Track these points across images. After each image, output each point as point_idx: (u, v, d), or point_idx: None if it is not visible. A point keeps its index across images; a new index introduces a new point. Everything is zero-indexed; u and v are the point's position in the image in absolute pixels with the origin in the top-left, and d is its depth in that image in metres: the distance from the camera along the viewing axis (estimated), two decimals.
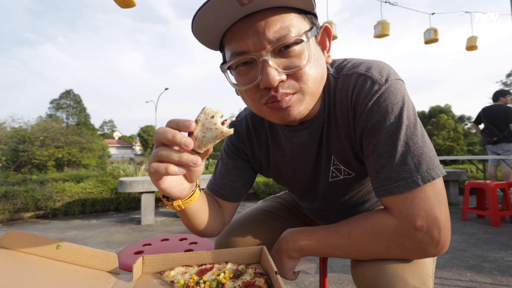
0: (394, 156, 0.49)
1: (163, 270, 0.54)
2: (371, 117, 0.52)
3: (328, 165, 0.66)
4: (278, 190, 5.00)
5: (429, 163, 0.49)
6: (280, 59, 0.50)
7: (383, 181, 0.51)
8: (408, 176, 0.48)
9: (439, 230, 0.47)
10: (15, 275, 0.44)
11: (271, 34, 0.48)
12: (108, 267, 0.53)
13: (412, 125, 0.50)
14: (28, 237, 0.51)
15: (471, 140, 30.46)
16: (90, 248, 0.52)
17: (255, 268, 0.52)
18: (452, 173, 4.49)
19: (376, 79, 0.53)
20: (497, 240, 2.58)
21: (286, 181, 0.76)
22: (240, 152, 0.75)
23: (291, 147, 0.67)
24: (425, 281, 0.48)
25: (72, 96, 35.36)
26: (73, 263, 0.52)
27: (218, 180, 0.75)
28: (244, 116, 0.75)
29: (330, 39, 0.58)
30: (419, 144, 0.49)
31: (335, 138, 0.61)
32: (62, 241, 0.52)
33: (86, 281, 0.48)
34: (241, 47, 0.50)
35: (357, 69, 0.56)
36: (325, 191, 0.71)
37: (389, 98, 0.51)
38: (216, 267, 0.54)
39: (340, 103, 0.58)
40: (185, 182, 0.53)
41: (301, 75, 0.51)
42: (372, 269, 0.50)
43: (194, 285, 0.48)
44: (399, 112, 0.50)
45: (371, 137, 0.53)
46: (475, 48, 5.36)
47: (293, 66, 0.50)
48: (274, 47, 0.48)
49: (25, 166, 14.58)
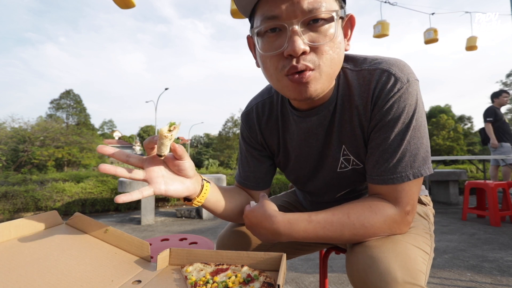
0: (396, 154, 0.56)
1: (184, 264, 0.58)
2: (388, 114, 0.57)
3: (338, 154, 0.67)
4: (278, 190, 5.00)
5: (421, 162, 0.57)
6: (308, 31, 0.52)
7: (381, 172, 0.58)
8: (402, 171, 0.56)
9: (413, 214, 0.59)
10: (73, 250, 0.55)
11: (305, 5, 0.50)
12: (142, 254, 0.60)
13: (418, 127, 0.57)
14: (87, 220, 0.61)
15: (471, 140, 30.47)
16: (130, 235, 0.60)
17: (266, 276, 0.52)
18: (452, 173, 4.49)
19: (399, 77, 0.56)
20: (497, 240, 2.58)
21: (292, 168, 0.77)
22: (254, 142, 0.78)
23: (298, 132, 0.69)
24: (415, 275, 0.49)
25: (72, 96, 35.36)
26: (115, 245, 0.61)
27: (242, 172, 0.80)
28: (255, 105, 0.77)
29: (352, 29, 0.61)
30: (417, 145, 0.57)
31: (348, 128, 0.63)
32: (110, 226, 0.61)
33: (120, 263, 0.56)
34: (274, 12, 0.52)
35: (379, 65, 0.59)
36: (331, 181, 0.72)
37: (408, 99, 0.56)
38: (232, 268, 0.55)
39: (359, 95, 0.60)
40: (186, 180, 0.59)
41: (322, 52, 0.53)
42: (365, 264, 0.51)
43: (202, 284, 0.49)
44: (412, 114, 0.56)
45: (383, 132, 0.58)
46: (475, 48, 5.37)
47: (318, 41, 0.52)
48: (305, 18, 0.51)
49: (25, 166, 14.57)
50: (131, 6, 2.97)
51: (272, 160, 0.81)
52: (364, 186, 0.75)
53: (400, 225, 0.58)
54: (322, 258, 1.00)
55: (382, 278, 0.48)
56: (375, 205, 0.57)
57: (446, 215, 3.75)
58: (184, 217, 4.04)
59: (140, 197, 0.51)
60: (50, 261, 0.50)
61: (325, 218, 0.57)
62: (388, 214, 0.56)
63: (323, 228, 0.56)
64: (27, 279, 0.44)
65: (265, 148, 0.78)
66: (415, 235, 0.60)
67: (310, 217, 0.57)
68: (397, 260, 0.50)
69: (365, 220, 0.56)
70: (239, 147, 0.83)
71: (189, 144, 38.18)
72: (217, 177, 3.97)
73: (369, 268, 0.50)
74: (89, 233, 0.62)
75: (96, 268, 0.52)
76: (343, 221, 0.56)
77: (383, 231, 0.57)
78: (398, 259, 0.51)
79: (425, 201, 0.80)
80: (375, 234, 0.56)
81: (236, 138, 31.79)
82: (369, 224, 0.55)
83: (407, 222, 0.59)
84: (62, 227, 0.62)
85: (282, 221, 0.58)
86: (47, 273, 0.47)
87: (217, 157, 32.74)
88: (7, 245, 0.51)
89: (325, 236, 0.57)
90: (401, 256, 0.51)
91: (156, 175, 0.55)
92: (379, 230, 0.56)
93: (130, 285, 0.50)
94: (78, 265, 0.51)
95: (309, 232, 0.57)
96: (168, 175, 0.57)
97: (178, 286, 0.50)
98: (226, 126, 34.57)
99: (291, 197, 0.99)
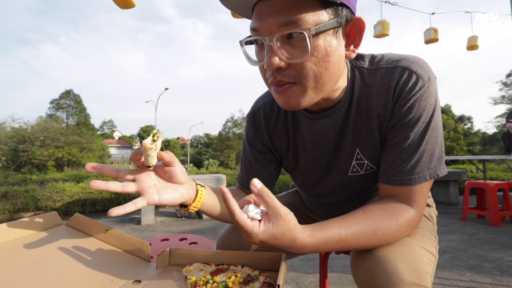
0: (415, 154, 0.55)
1: (184, 264, 0.58)
2: (409, 113, 0.55)
3: (350, 158, 0.65)
4: (278, 191, 5.00)
5: (436, 162, 0.56)
6: (286, 46, 0.50)
7: (398, 172, 0.56)
8: (420, 171, 0.55)
9: (423, 215, 0.59)
10: (73, 250, 0.56)
11: (279, 21, 0.48)
12: (142, 254, 0.60)
13: (435, 127, 0.56)
14: (87, 221, 0.62)
15: (471, 140, 30.48)
16: (130, 235, 0.61)
17: (266, 276, 0.52)
18: (452, 173, 4.49)
19: (421, 75, 0.55)
20: (497, 240, 2.58)
21: (301, 170, 0.75)
22: (259, 145, 0.75)
23: (310, 134, 0.67)
24: (422, 277, 0.49)
25: (72, 96, 35.38)
26: (115, 246, 0.61)
27: (245, 175, 0.78)
28: (262, 105, 0.74)
29: (362, 33, 0.55)
30: (433, 145, 0.56)
31: (364, 130, 0.61)
32: (110, 227, 0.61)
33: (120, 263, 0.56)
34: (255, 25, 0.51)
35: (399, 63, 0.57)
36: (341, 184, 0.70)
37: (428, 98, 0.55)
38: (232, 269, 0.55)
39: (378, 94, 0.58)
40: (179, 187, 0.58)
41: (301, 68, 0.50)
42: (371, 265, 0.51)
43: (202, 284, 0.49)
44: (431, 114, 0.55)
45: (401, 131, 0.56)
46: (476, 48, 5.36)
47: (295, 57, 0.50)
48: (281, 33, 0.49)
49: (25, 166, 14.58)
50: (131, 6, 2.97)
51: (277, 164, 0.78)
52: (374, 189, 0.73)
53: (415, 227, 0.57)
54: (322, 258, 1.00)
55: (389, 279, 0.48)
56: (395, 211, 0.55)
57: (446, 215, 3.75)
58: (184, 217, 4.04)
59: (134, 209, 0.51)
60: (50, 262, 0.50)
61: (353, 237, 0.51)
62: (409, 218, 0.55)
63: (349, 247, 0.53)
64: (27, 279, 0.45)
65: (271, 150, 0.76)
66: (421, 236, 0.60)
67: (340, 236, 0.51)
68: (404, 261, 0.50)
69: (390, 233, 0.53)
70: (242, 149, 0.81)
71: (189, 144, 38.15)
72: (217, 177, 3.97)
73: (376, 268, 0.50)
74: (89, 233, 0.62)
75: (96, 268, 0.52)
76: (370, 238, 0.52)
77: (405, 235, 0.56)
78: (406, 260, 0.50)
79: (429, 202, 0.79)
80: (397, 240, 0.55)
81: (236, 138, 31.79)
82: (395, 235, 0.54)
83: (418, 224, 0.58)
84: (62, 228, 0.62)
85: (311, 246, 0.50)
86: (47, 273, 0.47)
87: (217, 157, 32.76)
88: (7, 246, 0.51)
89: (349, 249, 0.55)
90: (409, 257, 0.51)
91: (147, 185, 0.54)
92: (401, 236, 0.55)
93: (130, 285, 0.50)
94: (78, 266, 0.51)
95: (335, 249, 0.54)
96: (160, 183, 0.56)
97: (178, 286, 0.50)
98: (226, 126, 34.57)
99: (293, 197, 0.98)
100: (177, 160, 0.57)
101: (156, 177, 0.57)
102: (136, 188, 0.54)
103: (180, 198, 0.58)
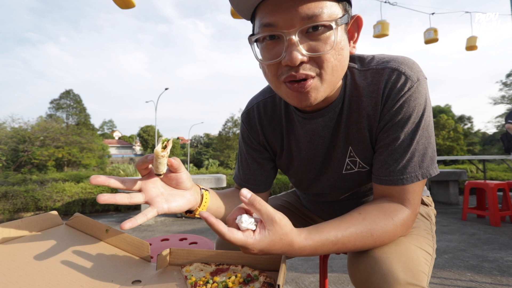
0: (406, 154, 0.56)
1: (184, 264, 0.58)
2: (398, 114, 0.56)
3: (343, 156, 0.65)
4: (278, 190, 5.00)
5: (429, 162, 0.56)
6: (306, 40, 0.50)
7: (390, 172, 0.57)
8: (412, 171, 0.55)
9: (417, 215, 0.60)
10: (73, 250, 0.56)
11: (303, 14, 0.48)
12: (142, 254, 0.60)
13: (426, 126, 0.56)
14: (87, 221, 0.62)
15: (471, 140, 30.48)
16: (130, 235, 0.61)
17: (266, 276, 0.52)
18: (452, 173, 4.49)
19: (409, 76, 0.55)
20: (497, 240, 2.58)
21: (295, 170, 0.75)
22: (255, 143, 0.75)
23: (304, 133, 0.67)
24: (418, 276, 0.49)
25: (72, 96, 35.38)
26: (115, 246, 0.61)
27: (242, 175, 0.78)
28: (256, 104, 0.74)
29: (359, 30, 0.58)
30: (425, 145, 0.56)
31: (355, 130, 0.62)
32: (110, 227, 0.61)
33: (120, 263, 0.56)
34: (271, 19, 0.50)
35: (388, 64, 0.57)
36: (336, 183, 0.71)
37: (418, 98, 0.55)
38: (232, 269, 0.55)
39: (368, 95, 0.59)
40: (185, 193, 0.58)
41: (322, 60, 0.51)
42: (367, 265, 0.51)
43: (202, 284, 0.49)
44: (422, 114, 0.55)
45: (392, 132, 0.56)
46: (475, 48, 5.36)
47: (317, 50, 0.50)
48: (303, 27, 0.49)
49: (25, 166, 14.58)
50: (131, 6, 2.97)
51: (274, 163, 0.79)
52: (369, 187, 0.74)
53: (410, 227, 0.58)
54: (322, 258, 1.00)
55: (385, 279, 0.48)
56: (390, 211, 0.55)
57: (446, 215, 3.75)
58: (184, 217, 4.05)
59: (145, 220, 0.51)
60: (50, 262, 0.50)
61: (349, 239, 0.51)
62: (404, 218, 0.55)
63: (346, 248, 0.53)
64: (27, 279, 0.45)
65: (267, 149, 0.76)
66: (418, 236, 0.60)
67: (337, 237, 0.50)
68: (399, 261, 0.50)
69: (386, 233, 0.53)
70: (238, 148, 0.81)
71: (189, 144, 38.16)
72: (217, 177, 3.97)
73: (372, 268, 0.50)
74: (89, 233, 0.62)
75: (96, 268, 0.52)
76: (366, 239, 0.52)
77: (401, 235, 0.56)
78: (401, 260, 0.50)
79: (427, 201, 0.80)
80: (393, 240, 0.55)
81: (236, 138, 31.78)
82: (390, 235, 0.54)
83: (413, 223, 0.59)
84: (62, 227, 0.62)
85: (308, 248, 0.49)
86: (47, 273, 0.47)
87: (217, 157, 32.77)
88: (7, 245, 0.51)
89: (346, 251, 0.55)
90: (404, 257, 0.51)
91: (155, 194, 0.54)
92: (397, 236, 0.56)
93: (130, 285, 0.50)
94: (78, 266, 0.51)
95: (332, 251, 0.54)
96: (167, 191, 0.56)
97: (178, 286, 0.50)
98: (226, 126, 34.60)
99: (291, 197, 0.99)
100: (183, 166, 0.57)
101: (162, 184, 0.56)
102: (144, 199, 0.53)
103: (188, 204, 0.57)
